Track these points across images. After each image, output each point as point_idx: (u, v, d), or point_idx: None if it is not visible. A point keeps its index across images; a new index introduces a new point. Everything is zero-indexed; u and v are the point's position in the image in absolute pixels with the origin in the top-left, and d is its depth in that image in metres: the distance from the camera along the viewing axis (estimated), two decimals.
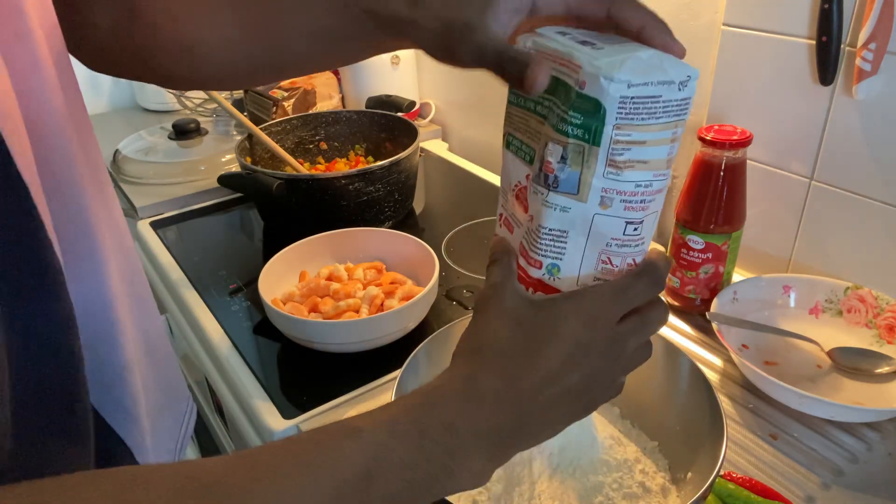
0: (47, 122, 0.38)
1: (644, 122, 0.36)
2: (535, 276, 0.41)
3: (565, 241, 0.39)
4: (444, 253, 0.99)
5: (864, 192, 0.76)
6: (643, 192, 0.38)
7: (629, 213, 0.38)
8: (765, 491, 0.57)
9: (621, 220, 0.39)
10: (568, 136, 0.37)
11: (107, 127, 1.55)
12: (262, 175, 0.97)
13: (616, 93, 0.35)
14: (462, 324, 0.62)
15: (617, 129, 0.36)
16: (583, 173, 0.37)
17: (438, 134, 1.44)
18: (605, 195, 0.38)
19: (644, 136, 0.36)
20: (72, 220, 0.40)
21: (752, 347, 0.75)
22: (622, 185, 0.37)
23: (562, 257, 0.40)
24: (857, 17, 0.71)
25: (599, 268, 0.40)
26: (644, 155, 0.37)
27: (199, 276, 0.95)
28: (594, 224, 0.39)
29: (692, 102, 0.37)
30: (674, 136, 0.37)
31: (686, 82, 0.36)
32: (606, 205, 0.38)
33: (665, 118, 0.36)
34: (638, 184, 0.37)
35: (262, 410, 0.71)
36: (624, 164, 0.37)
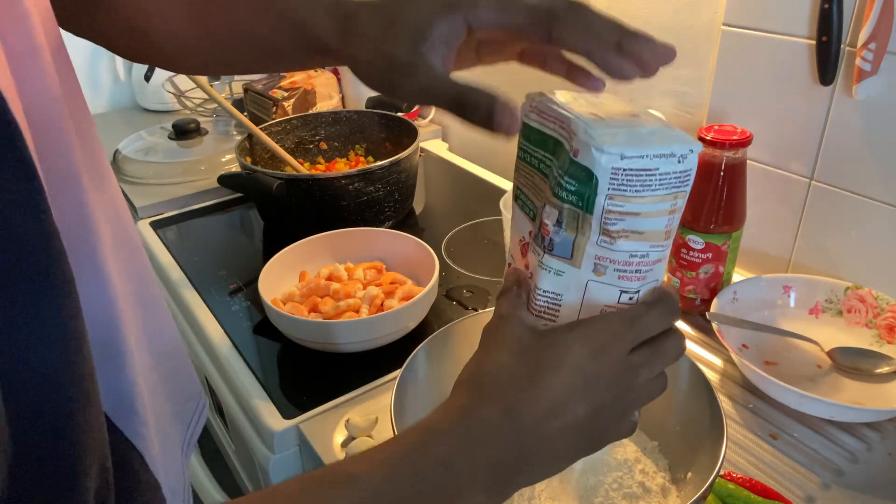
0: (46, 113, 0.36)
1: (638, 194, 0.35)
2: None
3: (559, 303, 0.39)
4: (444, 253, 0.99)
5: (864, 192, 0.76)
6: (638, 263, 0.37)
7: (624, 283, 0.38)
8: (765, 491, 0.57)
9: (615, 289, 0.38)
10: (563, 201, 0.36)
11: (107, 127, 1.55)
12: (262, 175, 0.97)
13: (608, 164, 0.34)
14: (462, 324, 0.62)
15: (609, 199, 0.35)
16: (577, 239, 0.37)
17: (438, 134, 1.44)
18: (599, 262, 0.37)
19: (638, 208, 0.35)
20: (70, 219, 0.37)
21: (752, 347, 0.75)
22: (616, 254, 0.37)
23: (555, 320, 0.39)
24: (857, 17, 0.71)
25: None
26: (639, 226, 0.36)
27: (199, 276, 0.95)
28: (588, 290, 0.38)
29: (694, 174, 0.36)
30: (673, 207, 0.36)
31: (687, 156, 0.35)
32: (600, 272, 0.37)
33: (662, 190, 0.35)
34: (633, 254, 0.37)
35: (262, 410, 0.71)
36: (617, 234, 0.36)
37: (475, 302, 0.88)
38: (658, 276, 0.39)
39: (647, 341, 0.39)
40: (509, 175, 1.22)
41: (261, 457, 0.71)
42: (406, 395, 0.56)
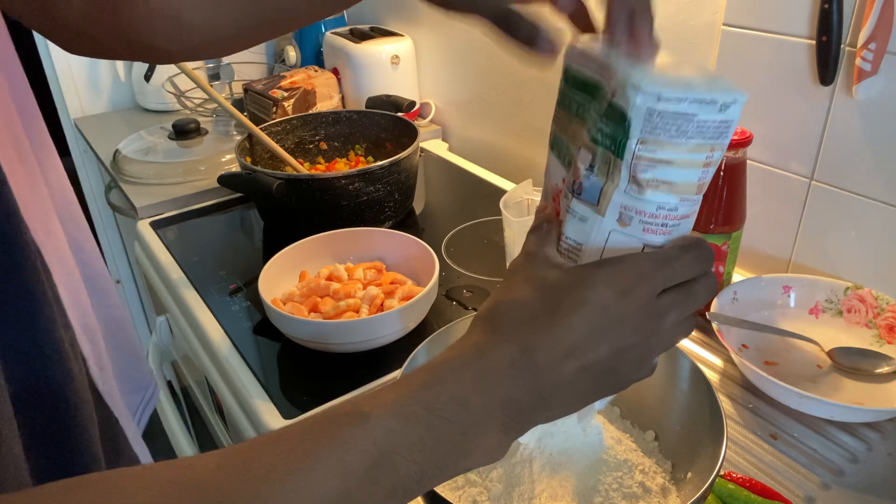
0: None
1: (672, 140, 0.33)
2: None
3: (580, 252, 0.37)
4: (444, 253, 0.99)
5: (864, 192, 0.76)
6: (665, 216, 0.35)
7: (647, 236, 0.36)
8: (765, 491, 0.57)
9: (638, 242, 0.36)
10: (597, 143, 0.35)
11: (107, 127, 1.55)
12: (262, 175, 0.97)
13: (643, 104, 0.32)
14: (462, 324, 0.62)
15: (641, 143, 0.33)
16: (605, 185, 0.35)
17: (438, 134, 1.44)
18: (625, 212, 0.35)
19: (671, 156, 0.34)
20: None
21: (752, 347, 0.75)
22: (643, 204, 0.35)
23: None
24: (857, 17, 0.71)
25: None
26: (670, 176, 0.34)
27: (199, 276, 0.95)
28: (610, 240, 0.36)
29: (734, 126, 0.34)
30: (708, 160, 0.35)
31: (730, 104, 0.33)
32: (625, 222, 0.36)
33: (699, 139, 0.34)
34: (661, 206, 0.35)
35: (262, 410, 0.71)
36: (646, 183, 0.34)
37: (475, 302, 0.88)
38: (685, 232, 0.37)
39: (679, 284, 0.37)
40: (509, 175, 1.22)
41: None
42: None
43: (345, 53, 1.41)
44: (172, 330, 1.04)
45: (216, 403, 0.91)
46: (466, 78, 1.34)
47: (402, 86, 1.42)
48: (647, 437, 0.59)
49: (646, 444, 0.58)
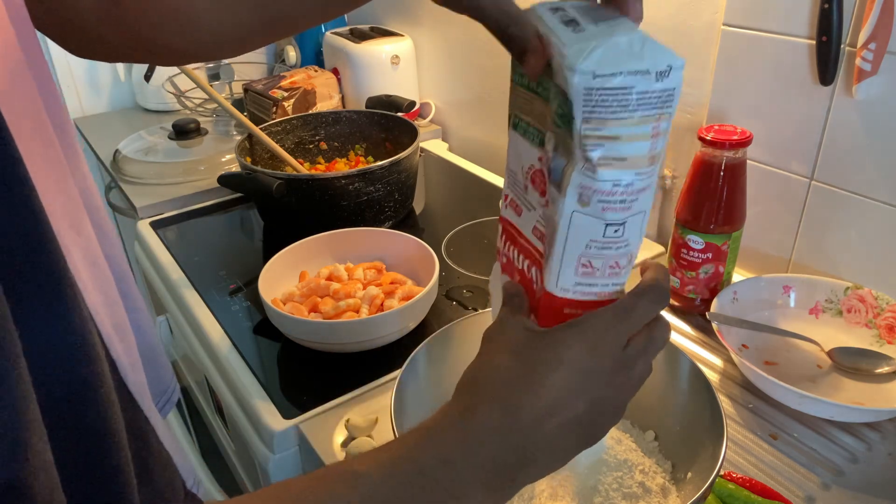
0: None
1: (615, 116, 0.33)
2: (542, 256, 0.40)
3: (553, 234, 0.37)
4: (444, 253, 0.99)
5: (864, 192, 0.76)
6: (623, 192, 0.35)
7: (608, 215, 0.36)
8: (765, 491, 0.57)
9: (600, 222, 0.36)
10: (556, 125, 0.35)
11: (107, 127, 1.55)
12: (262, 175, 0.97)
13: (580, 84, 0.32)
14: (462, 324, 0.62)
15: (585, 123, 0.33)
16: (566, 166, 0.35)
17: (438, 134, 1.44)
18: (583, 192, 0.35)
19: (617, 131, 0.33)
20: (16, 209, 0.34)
21: (752, 347, 0.75)
22: (598, 183, 0.35)
23: (549, 251, 0.38)
24: (857, 17, 0.71)
25: (580, 271, 0.38)
26: (620, 151, 0.34)
27: (199, 276, 0.95)
28: (572, 222, 0.36)
29: (678, 94, 0.34)
30: (655, 130, 0.34)
31: (666, 72, 0.33)
32: (585, 202, 0.35)
33: (642, 111, 0.33)
34: (616, 183, 0.35)
35: (262, 410, 0.71)
36: (598, 162, 0.34)
37: (475, 302, 0.88)
38: (645, 206, 0.37)
39: (638, 334, 0.39)
40: None
41: (261, 457, 0.71)
42: (406, 395, 0.56)
43: (345, 53, 1.41)
44: (172, 330, 1.04)
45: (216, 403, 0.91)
46: (466, 78, 1.34)
47: (402, 86, 1.42)
48: (647, 437, 0.59)
49: (646, 444, 0.58)
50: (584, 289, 0.39)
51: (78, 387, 0.35)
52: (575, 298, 0.40)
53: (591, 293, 0.40)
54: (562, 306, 0.40)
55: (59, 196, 0.38)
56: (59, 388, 0.34)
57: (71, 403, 0.35)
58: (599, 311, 0.39)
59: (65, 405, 0.35)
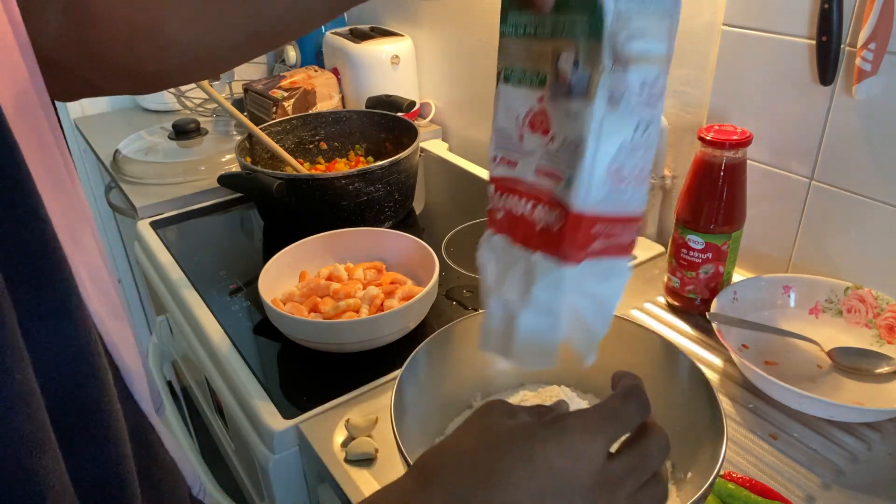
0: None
1: (640, 9, 0.36)
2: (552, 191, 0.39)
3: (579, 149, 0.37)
4: (444, 253, 0.99)
5: (864, 192, 0.76)
6: (649, 89, 0.37)
7: (637, 113, 0.37)
8: (765, 491, 0.57)
9: (630, 122, 0.38)
10: (576, 38, 0.37)
11: (107, 127, 1.55)
12: (262, 175, 0.97)
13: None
14: (462, 324, 0.62)
15: (616, 20, 0.35)
16: (592, 74, 0.36)
17: (438, 134, 1.44)
18: (614, 93, 0.37)
19: (642, 24, 0.36)
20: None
21: (752, 347, 0.75)
22: (628, 80, 0.37)
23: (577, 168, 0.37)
24: (857, 17, 0.71)
25: (610, 180, 0.38)
26: (645, 47, 0.36)
27: (199, 276, 0.95)
28: (603, 128, 0.37)
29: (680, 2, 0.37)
30: (670, 30, 0.37)
31: None
32: (615, 104, 0.37)
33: (660, 7, 0.36)
34: (643, 80, 0.37)
35: (262, 410, 0.71)
36: (628, 58, 0.36)
37: (475, 302, 0.88)
38: (661, 110, 0.39)
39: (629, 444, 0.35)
40: None
41: (261, 457, 0.71)
42: (406, 395, 0.56)
43: (345, 53, 1.41)
44: (172, 330, 1.04)
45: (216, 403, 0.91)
46: (466, 78, 1.34)
47: (402, 86, 1.42)
48: None
49: None
50: (614, 199, 0.38)
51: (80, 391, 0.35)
52: (605, 214, 0.38)
53: (621, 204, 0.39)
54: (591, 225, 0.38)
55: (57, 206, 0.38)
56: (61, 391, 0.34)
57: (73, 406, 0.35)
58: (577, 412, 0.35)
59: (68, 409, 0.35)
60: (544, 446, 0.32)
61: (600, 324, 0.40)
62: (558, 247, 0.39)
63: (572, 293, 0.39)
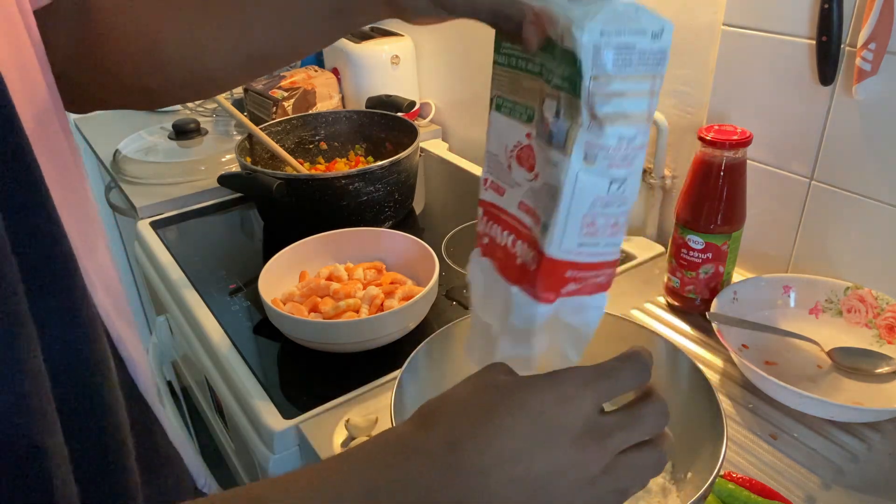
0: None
1: (620, 73, 0.36)
2: (531, 231, 0.40)
3: (555, 198, 0.38)
4: (444, 253, 0.99)
5: (864, 192, 0.76)
6: (626, 148, 0.37)
7: (613, 171, 0.38)
8: (765, 491, 0.57)
9: (605, 179, 0.38)
10: (559, 88, 0.37)
11: (107, 127, 1.54)
12: (262, 175, 0.97)
13: (589, 42, 0.34)
14: (462, 324, 0.62)
15: (594, 80, 0.35)
16: (570, 127, 0.37)
17: (438, 134, 1.44)
18: (589, 150, 0.37)
19: (623, 87, 0.36)
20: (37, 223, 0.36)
21: (752, 347, 0.75)
22: (605, 139, 0.36)
23: (551, 215, 0.38)
24: (857, 17, 0.71)
25: (584, 231, 0.39)
26: (624, 108, 0.36)
27: (199, 276, 0.95)
28: (578, 182, 0.37)
29: (668, 56, 0.37)
30: (652, 89, 0.37)
31: (659, 33, 0.36)
32: (591, 161, 0.37)
33: (643, 68, 0.36)
34: (620, 138, 0.37)
35: (262, 410, 0.71)
36: (605, 118, 0.36)
37: None
38: (640, 164, 0.39)
39: (623, 406, 0.36)
40: None
41: (261, 457, 0.71)
42: (406, 395, 0.56)
43: (345, 53, 1.41)
44: (172, 330, 1.04)
45: (216, 403, 0.91)
46: (466, 78, 1.34)
47: (402, 86, 1.42)
48: None
49: None
50: (588, 249, 0.39)
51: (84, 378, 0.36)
52: (579, 261, 0.40)
53: (595, 253, 0.40)
54: (564, 269, 0.40)
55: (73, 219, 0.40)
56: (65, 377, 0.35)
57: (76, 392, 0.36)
58: (577, 367, 0.36)
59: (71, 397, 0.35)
60: (538, 394, 0.34)
61: (575, 349, 0.41)
62: (533, 285, 0.40)
63: (548, 327, 0.40)
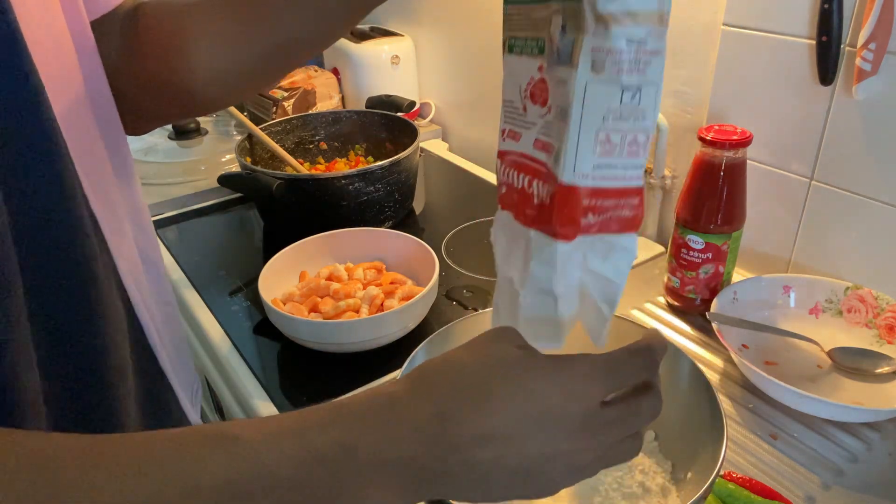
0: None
1: None
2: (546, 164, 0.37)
3: (566, 118, 0.35)
4: (444, 253, 0.99)
5: (864, 192, 0.76)
6: (636, 51, 0.34)
7: (623, 77, 0.34)
8: (765, 491, 0.57)
9: (616, 87, 0.35)
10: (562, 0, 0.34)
11: None
12: (262, 175, 0.97)
13: None
14: (462, 324, 0.62)
15: None
16: (576, 38, 0.34)
17: (438, 134, 1.44)
18: (596, 56, 0.34)
19: None
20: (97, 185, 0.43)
21: (752, 347, 0.75)
22: (612, 42, 0.33)
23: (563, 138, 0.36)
24: (857, 17, 0.71)
25: (598, 150, 0.36)
26: (629, 4, 0.33)
27: (199, 276, 0.95)
28: (587, 93, 0.34)
29: None
30: None
31: None
32: (599, 69, 0.34)
33: None
34: (629, 39, 0.34)
35: (263, 410, 0.71)
36: (609, 17, 0.33)
37: (475, 302, 0.88)
38: (657, 76, 0.35)
39: (624, 397, 0.36)
40: None
41: None
42: None
43: (345, 53, 1.41)
44: None
45: (216, 403, 0.91)
46: (466, 78, 1.34)
47: (402, 86, 1.42)
48: (648, 436, 0.59)
49: (646, 444, 0.58)
50: (604, 172, 0.36)
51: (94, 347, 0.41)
52: (596, 185, 0.37)
53: (612, 177, 0.37)
54: (580, 198, 0.37)
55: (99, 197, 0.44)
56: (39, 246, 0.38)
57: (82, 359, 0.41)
58: (586, 355, 0.35)
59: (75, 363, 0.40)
60: (544, 381, 0.33)
61: (608, 303, 0.38)
62: (550, 222, 0.38)
63: (574, 270, 0.38)
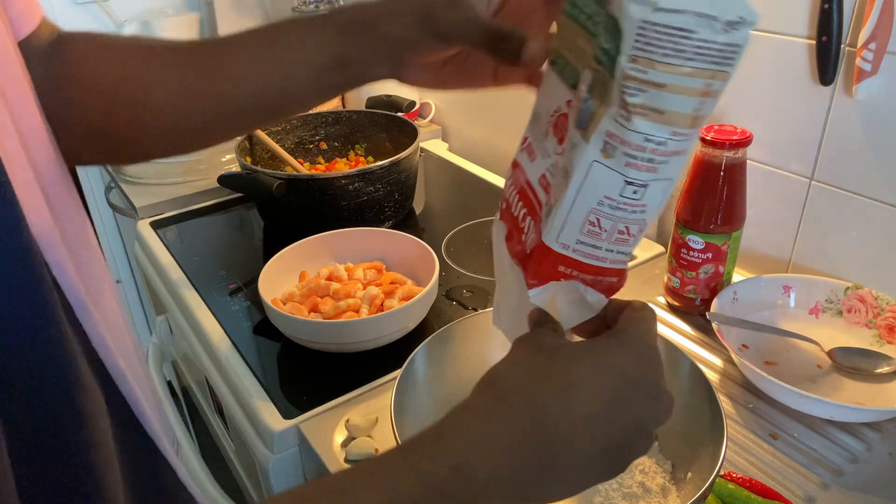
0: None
1: (667, 60, 0.29)
2: (541, 209, 0.36)
3: (567, 183, 0.33)
4: (444, 253, 0.99)
5: (864, 192, 0.76)
6: (652, 150, 0.31)
7: (631, 172, 0.32)
8: (765, 491, 0.57)
9: (620, 178, 0.32)
10: (598, 62, 0.31)
11: None
12: (262, 175, 0.97)
13: (636, 14, 0.28)
14: (462, 324, 0.62)
15: (632, 61, 0.29)
16: (597, 109, 0.32)
17: (438, 134, 1.44)
18: (609, 141, 0.31)
19: (664, 79, 0.29)
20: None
21: (752, 347, 0.75)
22: (629, 134, 0.31)
23: (559, 199, 0.34)
24: (857, 17, 0.71)
25: (585, 229, 0.34)
26: (661, 102, 0.30)
27: (199, 276, 0.95)
28: (591, 172, 0.32)
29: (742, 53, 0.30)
30: (707, 88, 0.30)
31: (736, 24, 0.29)
32: (608, 153, 0.32)
33: (697, 62, 0.29)
34: (648, 137, 0.31)
35: (262, 410, 0.71)
36: (634, 109, 0.30)
37: (475, 302, 0.88)
38: (673, 173, 0.33)
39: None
40: None
41: (261, 457, 0.71)
42: (406, 395, 0.56)
43: None
44: (172, 330, 1.04)
45: (216, 403, 0.91)
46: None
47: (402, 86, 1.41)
48: None
49: None
50: (585, 249, 0.35)
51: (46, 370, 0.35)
52: (575, 258, 0.36)
53: (594, 256, 0.36)
54: (557, 263, 0.36)
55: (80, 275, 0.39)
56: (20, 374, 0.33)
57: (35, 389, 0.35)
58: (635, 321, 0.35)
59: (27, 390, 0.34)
60: (614, 355, 0.34)
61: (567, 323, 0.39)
62: (526, 269, 0.38)
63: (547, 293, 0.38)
